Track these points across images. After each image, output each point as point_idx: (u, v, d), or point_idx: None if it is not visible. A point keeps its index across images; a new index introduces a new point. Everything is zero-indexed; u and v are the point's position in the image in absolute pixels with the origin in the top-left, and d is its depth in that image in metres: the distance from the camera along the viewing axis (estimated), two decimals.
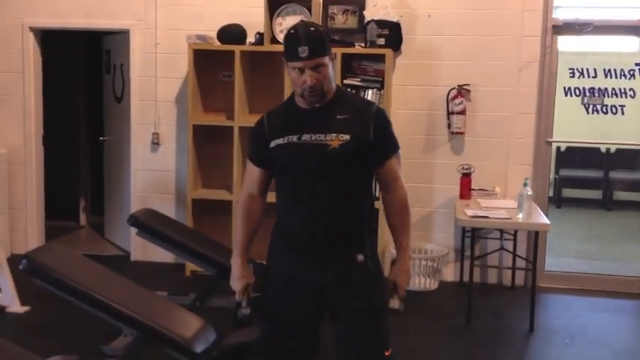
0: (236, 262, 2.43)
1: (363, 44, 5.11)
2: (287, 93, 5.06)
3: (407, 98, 5.30)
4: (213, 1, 5.45)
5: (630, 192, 8.73)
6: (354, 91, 4.99)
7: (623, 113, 5.34)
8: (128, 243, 5.75)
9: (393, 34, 5.14)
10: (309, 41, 2.22)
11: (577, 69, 5.36)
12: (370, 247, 2.38)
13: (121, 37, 5.74)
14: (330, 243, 2.30)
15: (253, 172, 2.44)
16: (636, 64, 5.34)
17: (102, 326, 3.13)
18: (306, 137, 2.28)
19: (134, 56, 5.60)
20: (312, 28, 2.26)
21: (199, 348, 2.73)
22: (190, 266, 5.17)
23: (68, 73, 6.97)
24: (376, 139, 2.32)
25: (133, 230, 4.26)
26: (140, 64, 5.60)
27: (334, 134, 2.27)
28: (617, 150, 8.82)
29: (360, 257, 2.32)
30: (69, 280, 2.83)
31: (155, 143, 5.62)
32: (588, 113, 5.40)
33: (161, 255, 5.21)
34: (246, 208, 2.45)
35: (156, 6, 5.51)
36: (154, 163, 5.65)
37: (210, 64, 5.33)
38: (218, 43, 5.19)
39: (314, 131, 2.29)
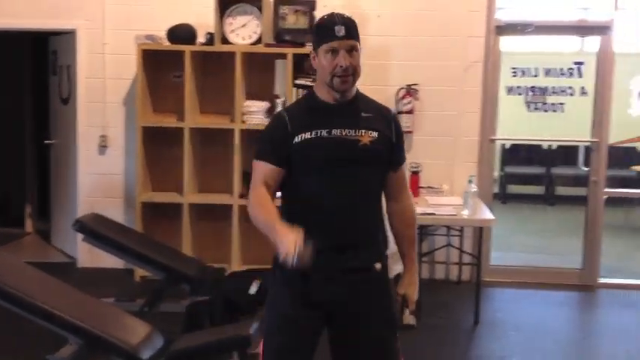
0: (280, 227, 2.06)
1: None
2: (238, 93, 5.07)
3: None
4: (162, 0, 5.41)
5: (571, 187, 9.01)
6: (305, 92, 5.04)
7: (563, 111, 5.53)
8: (75, 249, 5.63)
9: None
10: (345, 22, 2.19)
11: (519, 68, 5.52)
12: (385, 255, 2.32)
13: (67, 37, 5.64)
14: (357, 244, 2.23)
15: (268, 170, 2.21)
16: (575, 63, 5.53)
17: (48, 335, 3.09)
18: (336, 132, 2.20)
19: (81, 57, 5.52)
20: (345, 14, 2.24)
21: (146, 354, 2.70)
22: (140, 271, 5.11)
23: (14, 75, 6.80)
24: (396, 142, 2.30)
25: (80, 236, 4.19)
26: (87, 65, 5.51)
27: (363, 130, 2.22)
28: (559, 147, 9.10)
29: (378, 266, 2.27)
30: (9, 288, 2.73)
31: (103, 146, 5.54)
32: (530, 111, 5.57)
33: (110, 261, 5.04)
34: (264, 198, 2.18)
35: (103, 6, 5.44)
36: (101, 167, 5.57)
37: (160, 65, 5.28)
38: (168, 44, 5.15)
39: (343, 126, 2.21)
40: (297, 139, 2.19)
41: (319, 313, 2.23)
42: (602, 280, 5.48)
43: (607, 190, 5.50)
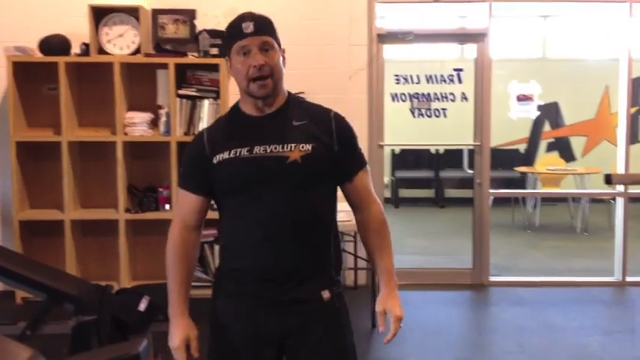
0: (175, 314, 2.01)
1: (196, 54, 5.05)
2: (119, 105, 4.88)
3: None
4: (32, 10, 5.14)
5: (459, 189, 9.38)
6: (190, 102, 4.94)
7: (445, 116, 5.71)
8: None
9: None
10: (255, 18, 1.92)
11: (402, 76, 5.66)
12: (337, 280, 2.05)
13: None
14: (295, 276, 1.95)
15: (189, 200, 2.02)
16: (455, 70, 5.72)
17: None
18: (258, 149, 1.91)
19: None
20: (256, 13, 1.97)
21: None
22: (21, 293, 4.83)
23: None
24: (341, 150, 1.99)
25: None
26: None
27: (293, 144, 1.91)
28: (445, 151, 9.46)
29: (327, 294, 2.00)
30: None
31: None
32: (415, 117, 5.71)
33: None
34: (181, 244, 2.02)
35: None
36: None
37: (33, 77, 5.01)
38: (40, 55, 4.89)
39: (268, 142, 1.92)
40: (215, 161, 1.94)
41: (269, 349, 2.00)
42: (492, 279, 5.68)
43: (492, 191, 5.73)
